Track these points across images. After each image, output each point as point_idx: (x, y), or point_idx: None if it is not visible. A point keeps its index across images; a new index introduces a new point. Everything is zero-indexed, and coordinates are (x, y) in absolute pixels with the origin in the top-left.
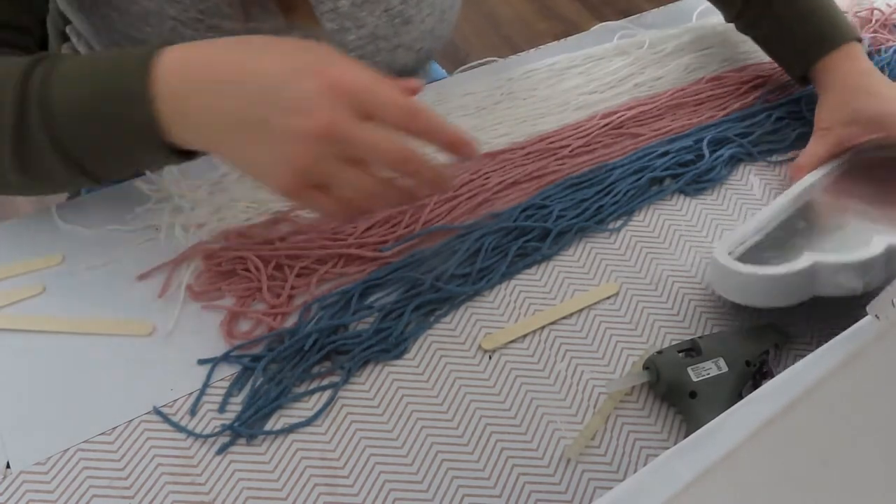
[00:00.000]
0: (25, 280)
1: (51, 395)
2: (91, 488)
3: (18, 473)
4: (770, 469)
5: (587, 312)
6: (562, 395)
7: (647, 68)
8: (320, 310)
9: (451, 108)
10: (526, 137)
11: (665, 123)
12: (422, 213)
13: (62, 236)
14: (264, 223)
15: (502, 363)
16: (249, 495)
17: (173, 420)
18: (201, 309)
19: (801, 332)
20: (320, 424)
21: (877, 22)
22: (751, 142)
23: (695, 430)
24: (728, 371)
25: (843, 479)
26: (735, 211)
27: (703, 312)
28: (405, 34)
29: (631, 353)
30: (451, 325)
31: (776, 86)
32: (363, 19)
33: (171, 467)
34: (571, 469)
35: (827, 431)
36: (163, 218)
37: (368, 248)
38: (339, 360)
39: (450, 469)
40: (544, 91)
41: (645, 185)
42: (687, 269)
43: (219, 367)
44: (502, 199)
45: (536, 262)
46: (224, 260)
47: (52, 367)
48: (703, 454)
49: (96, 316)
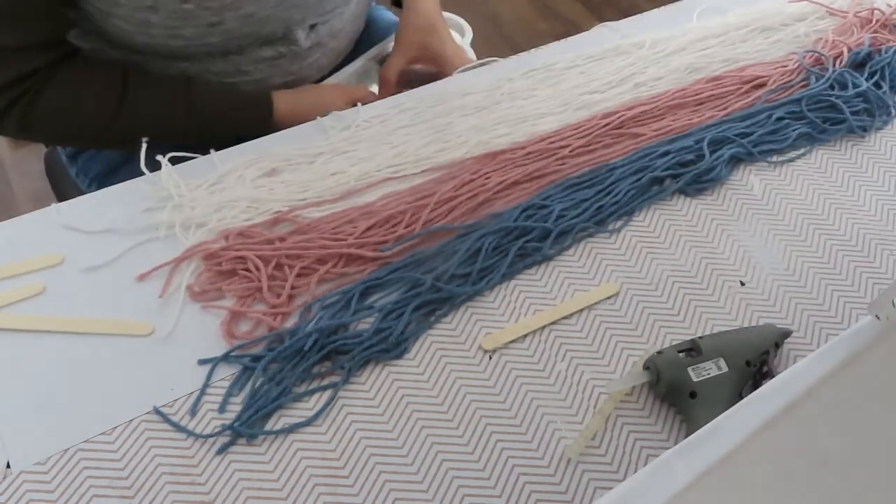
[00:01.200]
0: (25, 280)
1: (51, 395)
2: (91, 488)
3: (18, 473)
4: (770, 469)
5: (587, 312)
6: (562, 395)
7: (648, 68)
8: (320, 310)
9: (451, 107)
10: (526, 137)
11: (665, 123)
12: (422, 213)
13: (62, 236)
14: (264, 223)
15: (502, 363)
16: (249, 495)
17: (173, 420)
18: (201, 309)
19: (801, 332)
20: (320, 424)
21: (877, 22)
22: (751, 142)
23: (695, 430)
24: (728, 371)
25: (843, 480)
26: (735, 211)
27: (703, 312)
28: (299, 71)
29: (631, 353)
30: (451, 325)
31: (776, 86)
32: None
33: (171, 467)
34: (571, 469)
35: (827, 431)
36: (163, 218)
37: (368, 248)
38: (340, 360)
39: (450, 469)
40: (544, 91)
41: (645, 186)
42: (687, 269)
43: (219, 367)
44: (502, 199)
45: (537, 263)
46: (224, 260)
47: (52, 367)
48: (703, 454)
49: (96, 316)
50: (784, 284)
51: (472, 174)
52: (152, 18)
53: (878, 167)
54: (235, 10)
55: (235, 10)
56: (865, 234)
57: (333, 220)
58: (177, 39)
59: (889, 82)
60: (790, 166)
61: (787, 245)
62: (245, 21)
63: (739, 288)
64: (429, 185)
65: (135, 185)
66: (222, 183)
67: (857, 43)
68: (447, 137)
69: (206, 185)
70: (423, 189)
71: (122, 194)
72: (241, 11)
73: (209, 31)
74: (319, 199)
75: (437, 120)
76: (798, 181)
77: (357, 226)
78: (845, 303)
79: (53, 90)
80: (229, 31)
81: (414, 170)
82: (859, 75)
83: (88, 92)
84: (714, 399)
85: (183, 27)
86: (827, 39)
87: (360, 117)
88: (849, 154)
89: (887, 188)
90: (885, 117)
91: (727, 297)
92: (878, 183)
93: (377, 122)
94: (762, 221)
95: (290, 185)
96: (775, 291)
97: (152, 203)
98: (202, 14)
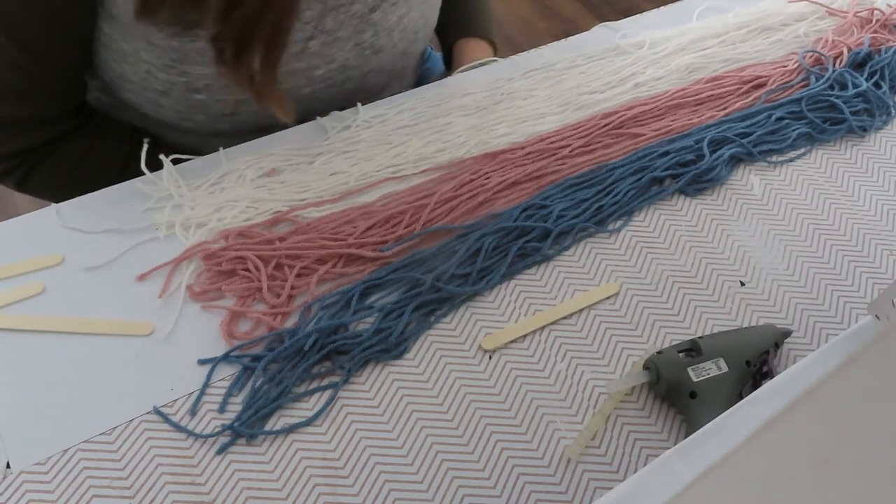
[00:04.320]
0: (25, 280)
1: (51, 395)
2: (91, 488)
3: (18, 473)
4: (770, 469)
5: (587, 312)
6: (562, 395)
7: (648, 68)
8: (320, 310)
9: (451, 107)
10: (526, 137)
11: (665, 123)
12: (422, 213)
13: (62, 236)
14: (264, 223)
15: (502, 363)
16: (249, 495)
17: (173, 420)
18: (201, 309)
19: (801, 332)
20: (320, 424)
21: (877, 22)
22: (751, 142)
23: (695, 430)
24: (728, 371)
25: (844, 480)
26: (735, 211)
27: (703, 312)
28: (376, 62)
29: (631, 353)
30: (451, 325)
31: (776, 86)
32: (333, 55)
33: (171, 467)
34: (571, 469)
35: (827, 431)
36: (163, 218)
37: (368, 248)
38: (339, 360)
39: (450, 469)
40: (544, 91)
41: (645, 186)
42: (687, 270)
43: (219, 367)
44: (502, 199)
45: (537, 263)
46: (224, 260)
47: (52, 367)
48: (703, 454)
49: (96, 316)
50: (784, 284)
51: (471, 174)
52: (162, 101)
53: (878, 167)
54: (250, 106)
55: (251, 105)
56: (865, 234)
57: (333, 220)
58: (188, 122)
59: (889, 82)
60: (790, 166)
61: (787, 245)
62: (260, 115)
63: (739, 288)
64: (428, 185)
65: (135, 185)
66: (222, 183)
67: (856, 43)
68: (447, 137)
69: (206, 185)
70: (423, 189)
71: (122, 194)
72: (256, 106)
73: (222, 120)
74: (319, 199)
75: (436, 120)
76: (798, 181)
77: (357, 226)
78: (845, 303)
79: (50, 163)
80: (244, 123)
81: (414, 170)
82: (859, 75)
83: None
84: (714, 399)
85: (194, 115)
86: (827, 39)
87: (360, 117)
88: (849, 154)
89: (887, 188)
90: (885, 117)
91: (727, 297)
92: (878, 183)
93: (377, 122)
94: (762, 221)
95: (289, 185)
96: (775, 291)
97: (152, 203)
98: (215, 105)
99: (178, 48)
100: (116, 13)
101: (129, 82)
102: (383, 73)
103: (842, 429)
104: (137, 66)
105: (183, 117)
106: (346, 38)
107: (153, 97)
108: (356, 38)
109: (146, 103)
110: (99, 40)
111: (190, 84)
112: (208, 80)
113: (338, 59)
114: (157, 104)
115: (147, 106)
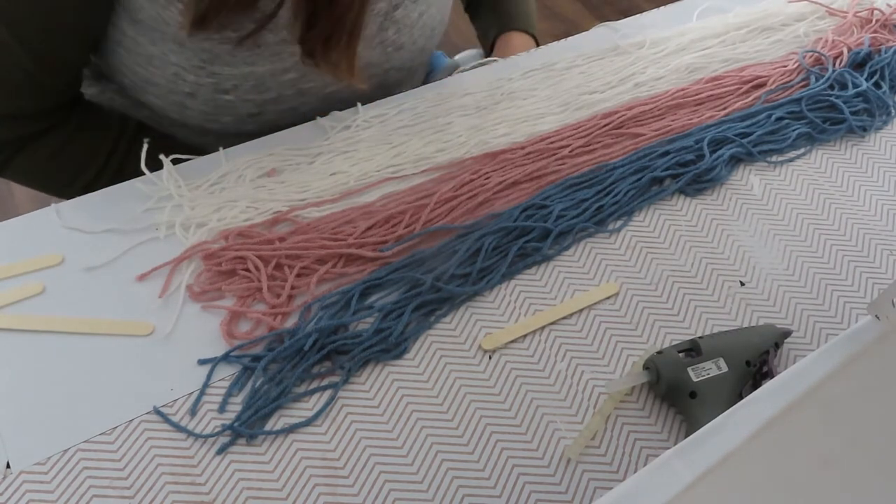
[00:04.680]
0: (25, 280)
1: (51, 395)
2: (91, 488)
3: (18, 473)
4: (770, 469)
5: (587, 312)
6: (562, 395)
7: (647, 68)
8: (320, 310)
9: (451, 107)
10: (526, 137)
11: (665, 123)
12: (422, 213)
13: (62, 236)
14: (264, 223)
15: (502, 363)
16: (249, 495)
17: (173, 420)
18: (201, 309)
19: (801, 332)
20: (320, 424)
21: (877, 22)
22: (751, 142)
23: (695, 430)
24: (728, 371)
25: (843, 480)
26: (735, 211)
27: (703, 312)
28: (397, 59)
29: (631, 353)
30: (451, 325)
31: (776, 86)
32: (358, 54)
33: (171, 467)
34: (571, 469)
35: (827, 431)
36: (163, 218)
37: (368, 248)
38: (339, 360)
39: (450, 469)
40: (544, 91)
41: (645, 186)
42: (687, 270)
43: (219, 367)
44: (502, 199)
45: (537, 263)
46: (224, 260)
47: (51, 367)
48: (703, 454)
49: (96, 316)
50: (784, 284)
51: (471, 174)
52: (189, 103)
53: (878, 167)
54: (277, 105)
55: (277, 104)
56: (865, 234)
57: (333, 220)
58: (213, 123)
59: (889, 82)
60: (790, 166)
61: (787, 245)
62: (285, 114)
63: (739, 288)
64: (428, 185)
65: (134, 185)
66: (222, 183)
67: (856, 43)
68: (447, 137)
69: (206, 185)
70: (423, 189)
71: (121, 194)
72: (284, 106)
73: (248, 121)
74: (319, 199)
75: (436, 120)
76: (798, 181)
77: (357, 226)
78: (845, 303)
79: (30, 151)
80: (269, 122)
81: (414, 170)
82: (859, 75)
83: (74, 148)
84: (714, 399)
85: (221, 115)
86: (827, 39)
87: (359, 117)
88: (849, 154)
89: (887, 188)
90: (885, 117)
91: (727, 297)
92: (878, 183)
93: (377, 122)
94: (762, 221)
95: (289, 185)
96: (775, 291)
97: (152, 203)
98: (242, 105)
99: (210, 49)
100: (142, 18)
101: (154, 85)
102: (402, 69)
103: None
104: (165, 69)
105: (208, 118)
106: (371, 37)
107: (179, 99)
108: (380, 35)
109: (170, 106)
110: (122, 44)
111: (218, 85)
112: (236, 80)
113: (363, 57)
114: (182, 106)
115: (171, 109)
